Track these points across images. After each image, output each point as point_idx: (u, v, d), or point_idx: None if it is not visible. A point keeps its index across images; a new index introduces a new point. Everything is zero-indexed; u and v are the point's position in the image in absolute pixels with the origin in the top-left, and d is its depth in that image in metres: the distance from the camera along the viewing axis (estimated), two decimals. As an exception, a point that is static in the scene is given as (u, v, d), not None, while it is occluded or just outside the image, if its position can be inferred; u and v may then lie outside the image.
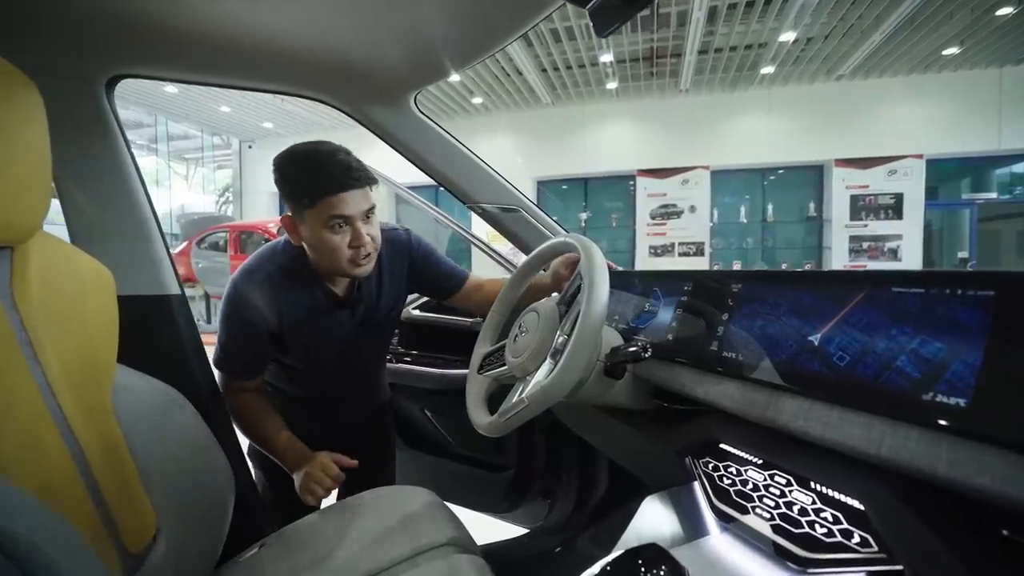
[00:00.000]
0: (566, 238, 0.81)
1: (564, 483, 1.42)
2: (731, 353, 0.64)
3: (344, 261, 0.92)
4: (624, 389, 0.81)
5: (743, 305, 0.65)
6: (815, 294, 0.56)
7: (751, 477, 0.61)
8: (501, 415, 0.74)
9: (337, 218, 0.88)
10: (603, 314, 0.66)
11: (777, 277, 0.63)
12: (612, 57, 7.01)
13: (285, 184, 0.90)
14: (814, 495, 0.54)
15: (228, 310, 0.96)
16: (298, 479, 0.96)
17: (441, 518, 0.94)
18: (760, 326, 0.62)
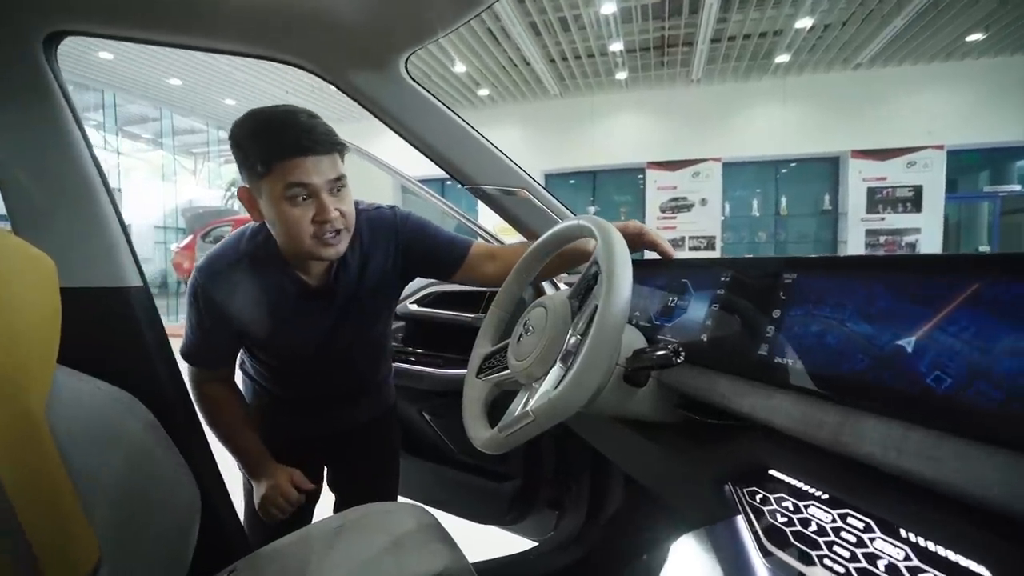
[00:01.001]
0: (579, 220, 0.69)
1: (573, 493, 1.31)
2: (785, 359, 0.52)
3: (307, 239, 0.80)
4: (646, 399, 0.69)
5: (800, 299, 0.53)
6: (908, 286, 0.43)
7: (814, 516, 0.48)
8: (502, 429, 0.63)
9: (296, 187, 0.77)
10: (625, 310, 0.54)
11: (849, 264, 0.50)
12: (622, 46, 6.83)
13: (239, 151, 0.80)
14: (908, 548, 0.41)
15: (189, 298, 0.89)
16: (257, 493, 0.92)
17: (435, 542, 0.82)
18: (826, 326, 0.49)
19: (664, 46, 6.97)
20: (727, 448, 0.60)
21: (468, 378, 0.79)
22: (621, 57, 7.19)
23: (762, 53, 7.07)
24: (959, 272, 0.40)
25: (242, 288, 0.87)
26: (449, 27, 0.75)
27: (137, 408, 0.76)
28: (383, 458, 1.18)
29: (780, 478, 0.53)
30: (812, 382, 0.48)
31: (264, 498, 0.90)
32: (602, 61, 7.36)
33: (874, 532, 0.44)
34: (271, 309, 0.89)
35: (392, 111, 0.89)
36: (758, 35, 6.55)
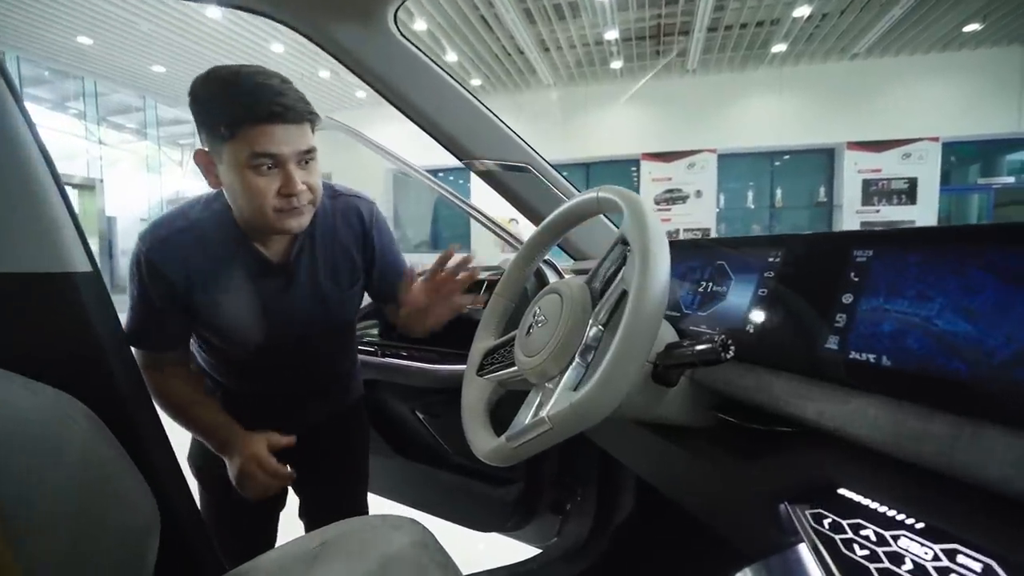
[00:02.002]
0: (598, 191, 0.58)
1: (579, 497, 1.22)
2: (866, 355, 0.42)
3: (270, 211, 0.73)
4: (677, 400, 0.59)
5: (880, 282, 0.43)
6: None
7: (908, 551, 0.39)
8: (511, 439, 0.53)
9: (263, 156, 0.70)
10: (665, 294, 0.45)
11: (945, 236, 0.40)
12: (617, 34, 6.71)
13: (199, 110, 0.72)
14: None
15: (132, 270, 0.79)
16: (231, 469, 0.81)
17: (431, 562, 0.73)
18: (920, 313, 0.39)
19: (660, 35, 6.86)
20: (780, 460, 0.51)
21: (468, 376, 0.69)
22: (616, 46, 7.07)
23: (759, 43, 6.98)
24: None
25: (192, 259, 0.78)
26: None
27: (81, 413, 0.65)
28: (350, 457, 1.09)
29: (855, 500, 0.43)
30: (905, 383, 0.38)
31: (240, 473, 0.79)
32: (597, 50, 7.23)
33: None
34: (224, 284, 0.80)
35: (379, 71, 0.78)
36: (755, 24, 6.46)
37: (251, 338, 0.85)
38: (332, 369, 1.01)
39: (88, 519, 0.61)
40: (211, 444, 0.84)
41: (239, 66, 0.72)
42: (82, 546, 0.60)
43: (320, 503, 1.06)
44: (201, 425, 0.84)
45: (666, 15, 6.36)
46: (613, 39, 6.84)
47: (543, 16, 6.28)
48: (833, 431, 0.43)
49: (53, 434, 0.61)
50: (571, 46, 7.09)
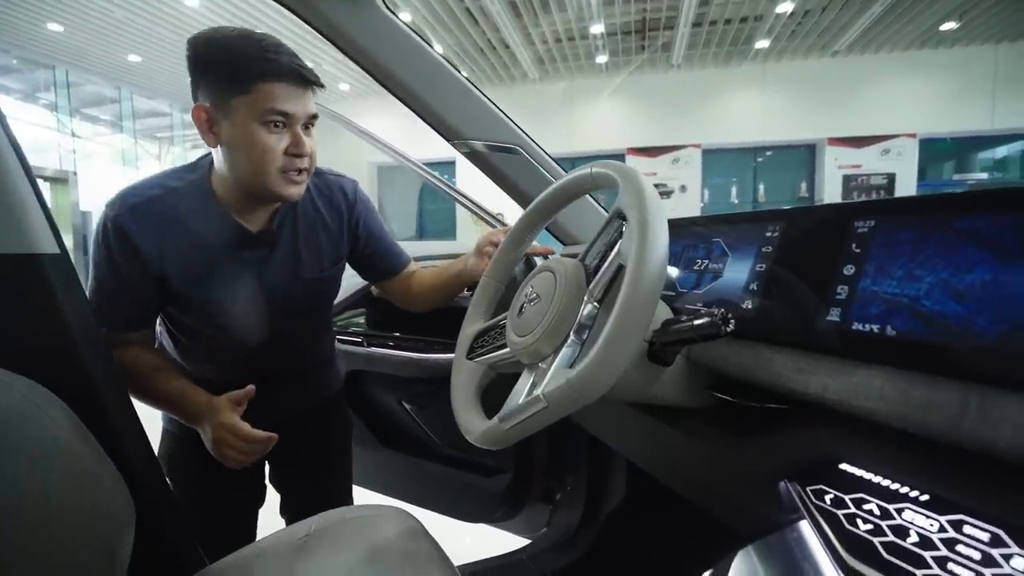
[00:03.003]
0: (592, 168, 0.57)
1: (568, 486, 1.21)
2: (869, 325, 0.41)
3: (275, 170, 0.72)
4: (672, 379, 0.58)
5: (883, 251, 0.42)
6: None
7: (912, 523, 0.38)
8: (505, 419, 0.51)
9: (277, 113, 0.70)
10: (664, 269, 0.43)
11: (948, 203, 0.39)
12: (603, 28, 6.70)
13: (207, 66, 0.71)
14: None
15: (97, 239, 0.75)
16: (205, 439, 0.76)
17: (421, 552, 0.71)
18: (925, 281, 0.38)
19: (645, 29, 6.87)
20: (778, 438, 0.50)
21: (457, 360, 0.67)
22: (602, 40, 7.07)
23: (742, 38, 7.04)
24: None
25: (166, 227, 0.74)
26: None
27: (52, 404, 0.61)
28: (332, 449, 1.06)
29: (857, 474, 0.43)
30: (912, 352, 0.37)
31: (214, 443, 0.75)
32: (582, 44, 7.22)
33: (1009, 547, 0.34)
34: (200, 255, 0.77)
35: (366, 48, 0.75)
36: (739, 20, 6.51)
37: (225, 317, 0.81)
38: (309, 355, 0.97)
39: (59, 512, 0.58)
40: (180, 416, 0.80)
41: (245, 28, 0.72)
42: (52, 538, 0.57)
43: (301, 499, 1.02)
44: (166, 398, 0.79)
45: (651, 9, 6.37)
46: (598, 33, 6.84)
47: (528, 9, 6.25)
48: (837, 404, 0.42)
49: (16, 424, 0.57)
50: (556, 40, 7.07)
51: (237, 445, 0.73)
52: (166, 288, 0.78)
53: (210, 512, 0.91)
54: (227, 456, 0.74)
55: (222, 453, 0.75)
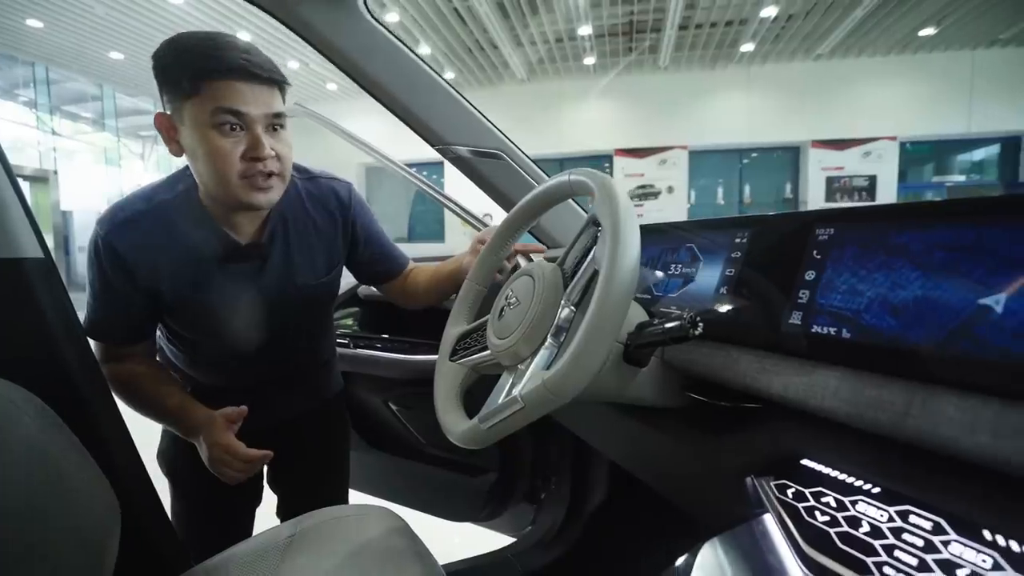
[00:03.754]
0: (570, 175, 0.59)
1: (553, 486, 1.23)
2: (827, 328, 0.43)
3: (234, 176, 0.68)
4: (648, 380, 0.60)
5: (841, 258, 0.45)
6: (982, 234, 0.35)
7: (865, 515, 0.40)
8: (484, 419, 0.52)
9: (227, 112, 0.66)
10: (635, 274, 0.45)
11: (904, 213, 0.42)
12: (591, 30, 6.75)
13: (162, 69, 0.68)
14: (997, 554, 0.33)
15: (90, 257, 0.75)
16: (202, 454, 0.76)
17: (405, 550, 0.72)
18: (878, 287, 0.41)
19: (632, 31, 6.94)
20: (747, 435, 0.52)
21: (440, 362, 0.69)
22: (590, 42, 7.11)
23: (728, 42, 7.13)
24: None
25: (156, 243, 0.73)
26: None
27: (32, 405, 0.62)
28: (329, 453, 1.06)
29: (817, 469, 0.45)
30: (863, 354, 0.40)
31: (211, 461, 0.75)
32: (570, 46, 7.26)
33: (947, 534, 0.36)
34: (192, 269, 0.76)
35: (348, 53, 0.76)
36: (724, 23, 6.60)
37: (222, 327, 0.81)
38: (308, 360, 0.97)
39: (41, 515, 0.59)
40: (177, 430, 0.80)
41: (206, 31, 0.69)
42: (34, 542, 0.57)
43: (297, 501, 1.01)
44: (164, 411, 0.79)
45: (638, 12, 6.43)
46: (586, 35, 6.88)
47: (516, 10, 6.27)
48: (797, 403, 0.45)
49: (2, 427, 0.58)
50: (544, 41, 7.10)
51: (233, 464, 0.74)
52: (161, 302, 0.77)
53: (207, 511, 0.92)
54: (223, 474, 0.75)
55: (218, 471, 0.75)
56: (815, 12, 6.26)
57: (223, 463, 0.74)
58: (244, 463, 0.74)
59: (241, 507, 0.96)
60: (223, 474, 0.75)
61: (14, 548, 0.54)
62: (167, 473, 0.93)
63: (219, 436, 0.74)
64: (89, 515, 0.64)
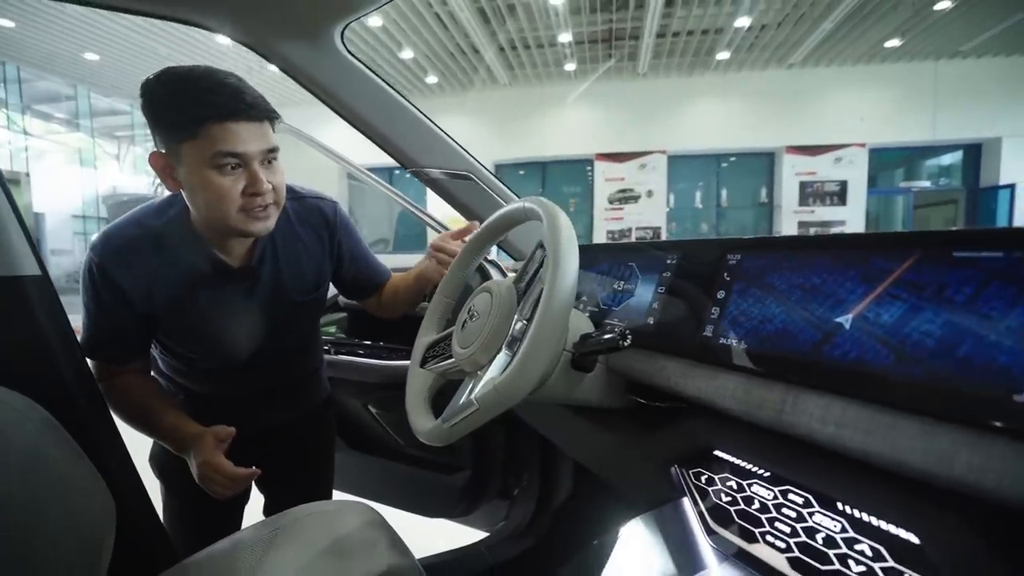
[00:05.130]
0: (524, 202, 0.66)
1: (524, 483, 1.30)
2: (729, 340, 0.52)
3: (234, 211, 0.72)
4: (595, 384, 0.68)
5: (744, 280, 0.53)
6: (845, 263, 0.44)
7: (757, 494, 0.49)
8: (446, 419, 0.60)
9: (227, 155, 0.69)
10: (572, 294, 0.53)
11: (786, 244, 0.51)
12: (571, 37, 6.86)
13: (154, 110, 0.70)
14: (844, 520, 0.42)
15: (85, 281, 0.78)
16: (192, 470, 0.79)
17: (380, 540, 0.79)
18: (768, 306, 0.49)
19: (612, 39, 7.07)
20: (674, 431, 0.60)
21: (412, 368, 0.76)
22: (570, 48, 7.23)
23: (704, 49, 7.31)
24: (893, 249, 0.41)
25: (149, 267, 0.77)
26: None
27: (33, 412, 0.67)
28: (316, 455, 1.11)
29: (725, 458, 0.53)
30: (754, 362, 0.48)
31: (199, 478, 0.78)
32: (551, 51, 7.37)
33: (813, 507, 0.45)
34: (184, 293, 0.79)
35: (327, 86, 0.83)
36: (700, 32, 6.77)
37: (214, 344, 0.85)
38: (297, 371, 1.01)
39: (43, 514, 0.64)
40: (169, 446, 0.83)
41: (192, 66, 0.72)
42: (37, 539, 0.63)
43: (284, 501, 1.05)
44: (157, 428, 0.83)
45: (617, 20, 6.56)
46: (567, 42, 6.99)
47: (497, 16, 6.35)
48: (708, 403, 0.53)
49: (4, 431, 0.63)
50: (525, 47, 7.19)
51: (222, 482, 0.77)
52: (155, 322, 0.81)
53: (197, 510, 0.95)
54: (212, 490, 0.78)
55: (207, 487, 0.78)
56: (787, 23, 6.47)
57: (211, 480, 0.77)
58: (231, 480, 0.77)
59: (230, 506, 1.01)
60: (211, 490, 0.78)
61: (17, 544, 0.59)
62: (159, 475, 0.97)
63: (208, 454, 0.77)
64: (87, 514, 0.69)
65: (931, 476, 0.34)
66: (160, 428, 0.83)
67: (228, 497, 0.79)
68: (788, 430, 0.44)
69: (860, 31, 6.60)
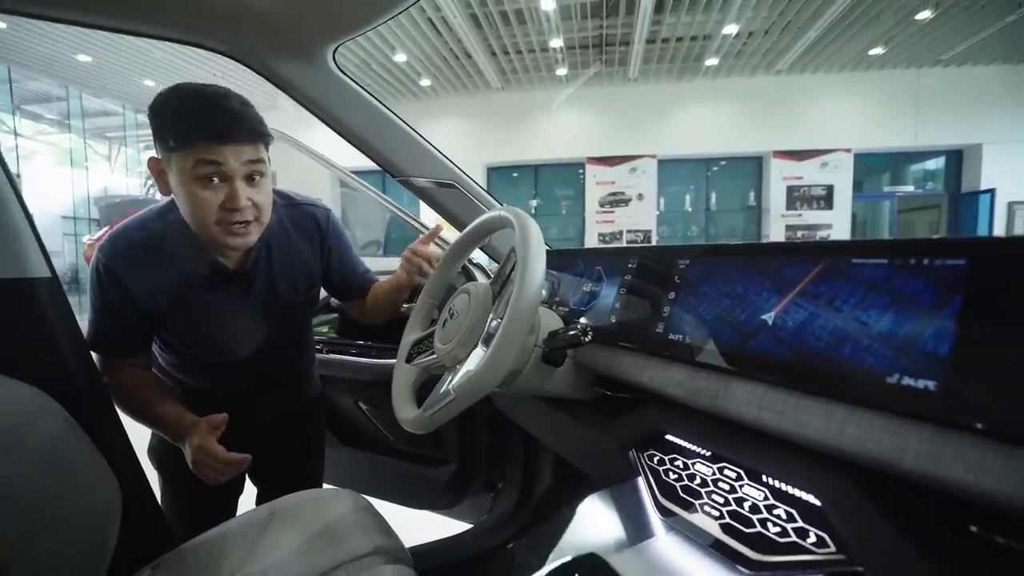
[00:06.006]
0: (500, 211, 0.73)
1: (508, 476, 1.36)
2: (678, 336, 0.58)
3: (211, 224, 0.77)
4: (565, 377, 0.75)
5: (691, 283, 0.60)
6: (768, 269, 0.51)
7: (699, 471, 0.55)
8: (426, 409, 0.66)
9: (207, 165, 0.73)
10: (538, 295, 0.59)
11: (727, 251, 0.57)
12: (562, 43, 6.95)
13: (154, 120, 0.75)
14: (766, 490, 0.49)
15: (93, 280, 0.84)
16: (187, 457, 0.83)
17: (368, 524, 0.84)
18: (709, 306, 0.56)
19: (602, 44, 7.16)
20: (632, 418, 0.67)
21: (398, 364, 0.82)
22: (561, 53, 7.31)
23: (693, 56, 7.42)
24: (807, 256, 0.48)
25: (152, 269, 0.83)
26: (376, 21, 0.77)
27: (50, 406, 0.72)
28: (307, 448, 1.17)
29: (674, 441, 0.60)
30: (695, 355, 0.55)
31: (194, 463, 0.82)
32: (543, 56, 7.45)
33: (743, 480, 0.51)
34: (183, 292, 0.85)
35: (320, 102, 0.89)
36: (689, 38, 6.87)
37: (211, 341, 0.91)
38: (290, 366, 1.07)
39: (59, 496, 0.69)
40: (166, 436, 0.89)
41: (201, 86, 0.76)
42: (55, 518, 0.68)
43: (276, 492, 1.12)
44: (155, 419, 0.88)
45: (607, 26, 6.66)
46: (558, 47, 7.08)
47: (489, 22, 6.42)
48: (660, 392, 0.59)
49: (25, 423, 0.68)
50: (517, 52, 7.27)
51: (214, 467, 0.81)
52: (156, 319, 0.87)
53: (193, 502, 1.01)
54: (205, 475, 0.82)
55: (200, 472, 0.82)
56: (773, 30, 6.59)
57: (205, 465, 0.81)
58: (224, 465, 0.81)
59: (225, 495, 1.06)
60: (204, 475, 0.82)
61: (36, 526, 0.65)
62: (156, 466, 1.03)
63: (202, 439, 0.81)
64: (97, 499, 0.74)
65: (827, 447, 0.41)
66: (158, 418, 0.88)
67: (220, 483, 0.82)
68: (722, 413, 0.50)
69: (845, 39, 6.74)
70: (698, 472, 0.55)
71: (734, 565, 0.47)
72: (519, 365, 0.68)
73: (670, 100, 8.39)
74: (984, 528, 0.35)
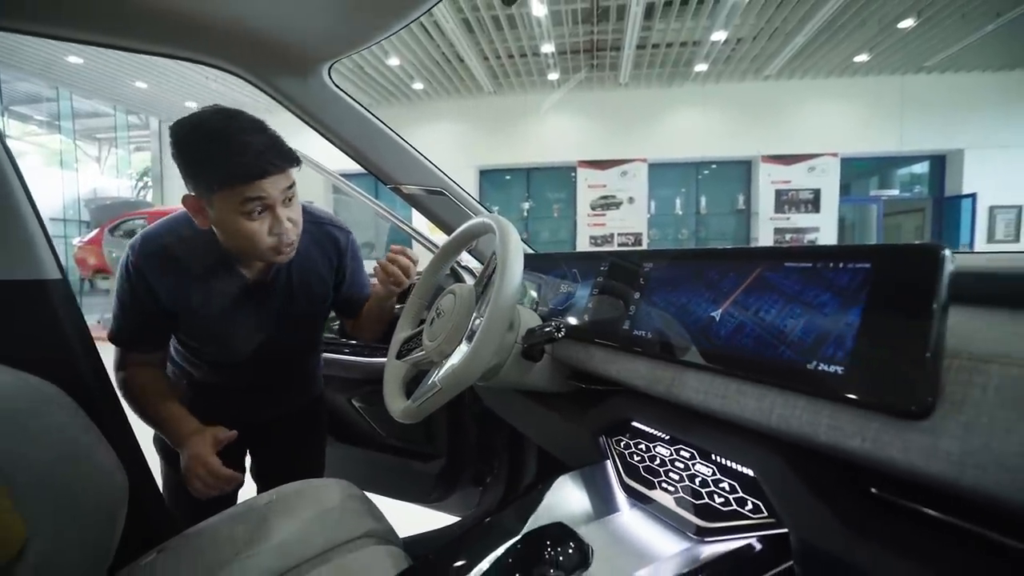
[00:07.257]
0: (482, 218, 0.79)
1: (495, 471, 1.42)
2: (642, 332, 0.65)
3: (265, 248, 0.83)
4: (543, 371, 0.81)
5: (654, 284, 0.66)
6: (718, 271, 0.57)
7: (659, 453, 0.62)
8: (415, 400, 0.72)
9: (254, 201, 0.78)
10: (515, 295, 0.65)
11: (683, 256, 0.64)
12: (553, 48, 7.04)
13: (188, 163, 0.78)
14: (714, 467, 0.55)
15: (121, 276, 0.88)
16: (182, 463, 0.85)
17: (360, 510, 0.90)
18: (668, 304, 0.62)
19: (594, 49, 7.26)
20: (602, 408, 0.73)
21: (389, 360, 0.88)
22: (553, 58, 7.40)
23: (683, 61, 7.54)
24: (748, 261, 0.54)
25: (178, 273, 0.87)
26: (369, 42, 0.82)
27: (62, 398, 0.77)
28: (308, 447, 1.22)
29: (639, 427, 0.66)
30: (655, 348, 0.61)
31: (185, 470, 0.84)
32: (535, 61, 7.54)
33: (696, 459, 0.58)
34: (205, 299, 0.90)
35: (315, 114, 0.95)
36: (679, 44, 6.99)
37: (227, 343, 0.96)
38: (297, 369, 1.12)
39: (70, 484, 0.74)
40: (169, 438, 0.92)
41: (227, 117, 0.78)
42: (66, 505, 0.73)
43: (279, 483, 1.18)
44: (161, 421, 0.92)
45: (598, 32, 6.76)
46: (549, 52, 7.17)
47: (481, 27, 6.50)
48: (627, 383, 0.66)
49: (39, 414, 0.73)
50: (509, 56, 7.35)
51: (205, 479, 0.82)
52: (177, 320, 0.92)
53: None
54: (194, 486, 0.83)
55: (190, 482, 0.83)
56: (761, 37, 6.72)
57: (195, 474, 0.83)
58: (215, 479, 0.83)
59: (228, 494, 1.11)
60: (193, 486, 0.83)
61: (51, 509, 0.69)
62: (163, 456, 1.06)
63: (202, 449, 0.84)
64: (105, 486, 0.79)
65: (761, 426, 0.47)
66: (164, 420, 0.92)
67: (206, 496, 0.84)
68: (676, 400, 0.57)
69: (831, 45, 6.88)
70: (658, 454, 0.62)
71: (685, 532, 0.53)
72: (500, 360, 0.73)
73: (660, 105, 8.50)
74: (882, 490, 0.41)
